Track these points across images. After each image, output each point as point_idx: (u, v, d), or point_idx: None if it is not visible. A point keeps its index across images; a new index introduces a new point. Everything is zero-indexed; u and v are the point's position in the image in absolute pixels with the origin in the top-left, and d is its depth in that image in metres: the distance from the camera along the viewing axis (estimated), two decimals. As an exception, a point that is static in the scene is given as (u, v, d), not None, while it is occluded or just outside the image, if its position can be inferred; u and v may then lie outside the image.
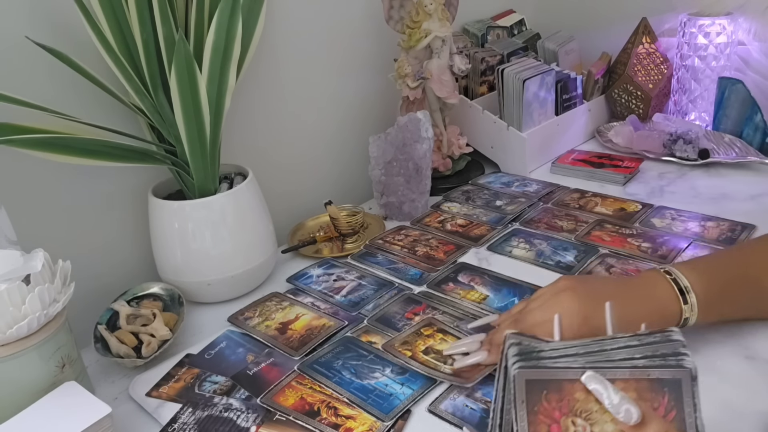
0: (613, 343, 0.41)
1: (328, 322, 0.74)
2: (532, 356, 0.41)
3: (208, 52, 0.71)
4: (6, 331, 0.55)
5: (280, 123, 0.98)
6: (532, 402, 0.40)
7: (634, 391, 0.39)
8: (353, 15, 1.03)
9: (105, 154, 0.72)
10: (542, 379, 0.40)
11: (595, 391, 0.39)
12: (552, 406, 0.40)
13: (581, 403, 0.40)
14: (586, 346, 0.41)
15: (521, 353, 0.42)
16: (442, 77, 1.00)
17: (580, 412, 0.40)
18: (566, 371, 0.40)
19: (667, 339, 0.41)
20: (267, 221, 0.83)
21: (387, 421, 0.58)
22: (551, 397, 0.40)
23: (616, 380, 0.39)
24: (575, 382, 0.40)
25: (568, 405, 0.40)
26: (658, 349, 0.40)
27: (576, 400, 0.40)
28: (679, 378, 0.39)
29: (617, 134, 1.14)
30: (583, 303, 0.57)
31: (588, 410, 0.40)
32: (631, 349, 0.41)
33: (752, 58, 1.11)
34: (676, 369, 0.39)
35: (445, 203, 1.02)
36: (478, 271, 0.82)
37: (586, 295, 0.58)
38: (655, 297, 0.59)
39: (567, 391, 0.40)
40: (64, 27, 0.71)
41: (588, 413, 0.40)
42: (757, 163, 1.01)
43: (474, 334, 0.67)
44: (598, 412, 0.39)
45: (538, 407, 0.40)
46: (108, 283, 0.81)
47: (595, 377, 0.39)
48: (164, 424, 0.61)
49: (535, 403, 0.40)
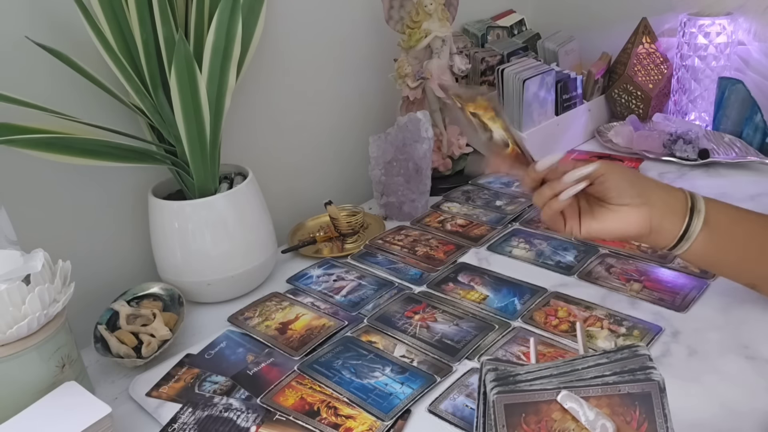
0: (583, 362, 0.43)
1: (328, 322, 0.74)
2: (509, 380, 0.43)
3: (208, 52, 0.71)
4: (6, 331, 0.55)
5: (280, 123, 0.98)
6: (512, 425, 0.42)
7: (607, 407, 0.41)
8: (353, 15, 1.03)
9: (105, 154, 0.72)
10: (520, 403, 0.42)
11: (571, 410, 0.41)
12: (531, 428, 0.42)
13: (559, 423, 0.41)
14: (558, 367, 0.43)
15: (498, 378, 0.43)
16: (442, 77, 1.00)
17: (559, 431, 0.41)
18: (542, 393, 0.41)
19: (634, 354, 0.43)
20: (267, 221, 0.83)
21: (387, 420, 0.58)
22: (530, 420, 0.42)
23: (590, 398, 0.41)
24: (551, 402, 0.41)
25: (547, 426, 0.41)
26: (626, 365, 0.42)
27: (554, 420, 0.41)
28: (648, 391, 0.41)
29: (617, 134, 1.14)
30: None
31: (566, 429, 0.41)
32: (601, 366, 0.42)
33: (752, 58, 1.11)
34: (644, 383, 0.41)
35: (445, 203, 1.02)
36: (478, 271, 0.82)
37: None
38: (672, 191, 0.65)
39: (544, 412, 0.41)
40: (64, 27, 0.71)
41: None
42: (757, 163, 1.01)
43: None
44: (575, 430, 0.41)
45: (518, 430, 0.42)
46: (108, 283, 0.81)
47: (570, 396, 0.41)
48: (164, 424, 0.61)
49: (515, 427, 0.42)
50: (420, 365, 0.66)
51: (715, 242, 0.63)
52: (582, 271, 0.79)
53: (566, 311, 0.72)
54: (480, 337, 0.69)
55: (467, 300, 0.76)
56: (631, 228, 0.63)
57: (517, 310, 0.73)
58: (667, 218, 0.63)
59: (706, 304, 0.71)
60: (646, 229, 0.63)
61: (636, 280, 0.76)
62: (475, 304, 0.75)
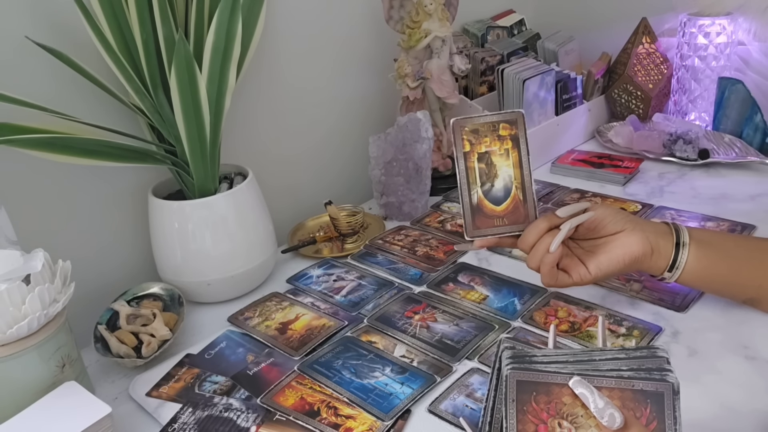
0: (601, 355, 0.43)
1: (328, 322, 0.74)
2: (525, 360, 0.43)
3: (208, 52, 0.71)
4: (6, 331, 0.55)
5: (280, 123, 0.98)
6: (522, 402, 0.42)
7: (618, 400, 0.41)
8: (353, 15, 1.03)
9: (105, 154, 0.72)
10: (532, 381, 0.42)
11: (582, 395, 0.41)
12: (540, 407, 0.42)
13: (568, 407, 0.42)
14: (576, 355, 0.44)
15: (514, 357, 0.44)
16: (442, 77, 1.00)
17: (567, 415, 0.42)
18: (555, 375, 0.42)
19: (653, 355, 0.43)
20: (267, 221, 0.83)
21: (387, 420, 0.58)
22: (540, 399, 0.42)
23: (602, 388, 0.41)
24: (563, 386, 0.42)
25: (556, 407, 0.42)
26: (643, 364, 0.42)
27: (563, 404, 0.42)
28: (662, 391, 0.41)
29: (617, 134, 1.14)
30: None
31: (574, 414, 0.42)
32: (619, 361, 0.43)
33: (752, 58, 1.11)
34: (659, 382, 0.41)
35: (445, 203, 1.02)
36: (478, 271, 0.82)
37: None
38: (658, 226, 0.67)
39: (555, 394, 0.42)
40: (64, 27, 0.71)
41: (574, 417, 0.42)
42: (757, 163, 1.01)
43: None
44: (583, 417, 0.42)
45: (527, 407, 0.42)
46: (108, 283, 0.81)
47: (582, 382, 0.41)
48: (164, 424, 0.61)
49: (524, 403, 0.42)
50: (420, 365, 0.66)
51: (707, 256, 0.65)
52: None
53: (566, 311, 0.72)
54: (480, 337, 0.69)
55: (467, 300, 0.76)
56: (636, 248, 0.64)
57: (517, 310, 0.73)
58: (660, 237, 0.65)
59: (706, 304, 0.71)
60: (648, 248, 0.65)
61: (636, 280, 0.76)
62: (475, 304, 0.75)
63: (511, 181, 0.66)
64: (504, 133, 0.65)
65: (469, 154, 0.66)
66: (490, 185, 0.66)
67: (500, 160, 0.66)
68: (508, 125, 0.65)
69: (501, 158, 0.66)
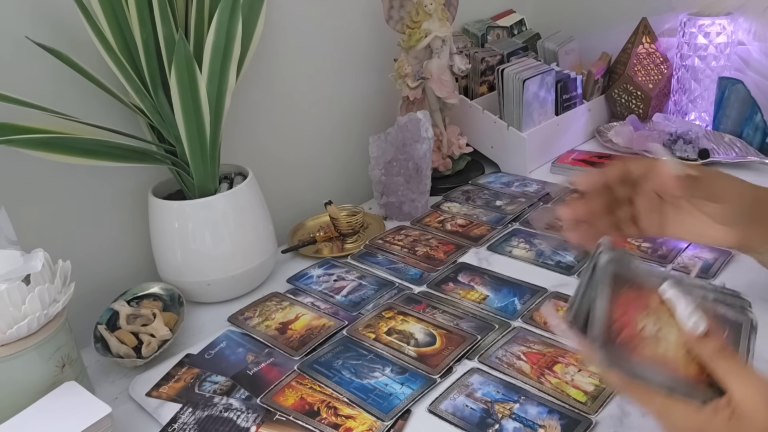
0: (692, 281, 0.46)
1: (328, 322, 0.74)
2: (624, 260, 0.46)
3: (208, 52, 0.71)
4: (6, 331, 0.55)
5: (280, 123, 0.98)
6: (614, 290, 0.44)
7: None
8: (353, 15, 1.03)
9: (105, 154, 0.72)
10: (627, 277, 0.45)
11: (671, 299, 0.43)
12: (629, 300, 0.44)
13: (653, 310, 0.44)
14: (670, 274, 0.46)
15: (614, 256, 0.46)
16: (442, 77, 1.00)
17: (650, 315, 0.44)
18: (649, 278, 0.45)
19: (738, 296, 0.45)
20: (267, 221, 0.83)
21: (387, 420, 0.58)
22: (630, 294, 0.45)
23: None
24: (653, 292, 0.44)
25: (641, 306, 0.44)
26: (728, 299, 0.45)
27: (650, 305, 0.44)
28: (740, 322, 0.43)
29: (617, 134, 1.14)
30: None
31: (658, 317, 0.44)
32: (707, 291, 0.45)
33: (752, 58, 1.11)
34: (740, 314, 0.43)
35: (445, 203, 1.02)
36: (478, 271, 0.82)
37: None
38: None
39: (645, 294, 0.44)
40: (64, 27, 0.71)
41: (658, 317, 0.44)
42: (757, 163, 1.01)
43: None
44: (666, 321, 0.43)
45: (615, 296, 0.44)
46: (108, 283, 0.81)
47: (673, 288, 0.43)
48: (164, 424, 0.61)
49: (615, 293, 0.44)
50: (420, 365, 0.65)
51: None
52: (582, 270, 0.79)
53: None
54: (480, 337, 0.69)
55: (467, 300, 0.76)
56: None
57: (517, 310, 0.73)
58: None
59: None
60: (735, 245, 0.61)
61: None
62: (475, 304, 0.75)
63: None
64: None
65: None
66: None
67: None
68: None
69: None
